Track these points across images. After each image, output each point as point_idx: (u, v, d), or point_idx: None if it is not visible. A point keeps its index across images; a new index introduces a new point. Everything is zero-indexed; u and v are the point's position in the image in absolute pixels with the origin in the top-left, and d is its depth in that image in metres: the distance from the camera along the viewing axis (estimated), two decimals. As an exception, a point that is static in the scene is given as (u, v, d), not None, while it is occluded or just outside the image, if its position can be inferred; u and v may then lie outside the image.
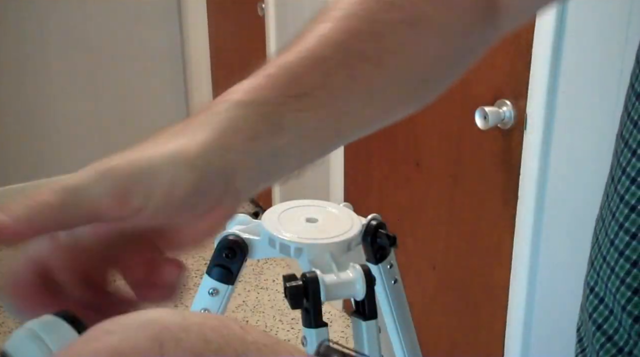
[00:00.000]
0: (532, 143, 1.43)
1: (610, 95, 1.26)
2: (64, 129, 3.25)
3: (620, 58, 1.22)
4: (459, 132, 1.69)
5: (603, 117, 1.28)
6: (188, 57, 3.30)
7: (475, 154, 1.66)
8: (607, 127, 1.26)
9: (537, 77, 1.38)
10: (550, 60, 1.34)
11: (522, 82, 1.44)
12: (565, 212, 1.42)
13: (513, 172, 1.52)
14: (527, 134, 1.45)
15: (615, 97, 1.23)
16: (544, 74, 1.36)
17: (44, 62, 3.11)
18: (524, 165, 1.47)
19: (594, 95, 1.30)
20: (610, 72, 1.25)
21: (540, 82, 1.37)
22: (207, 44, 3.26)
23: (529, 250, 1.49)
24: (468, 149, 1.69)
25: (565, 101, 1.36)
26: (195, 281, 2.88)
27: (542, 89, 1.37)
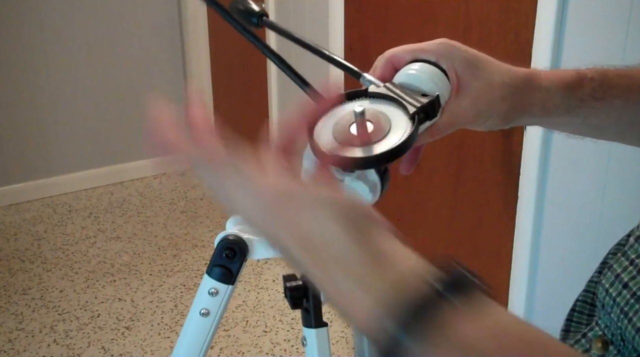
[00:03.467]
0: (532, 144, 1.43)
1: (610, 95, 1.25)
2: (64, 130, 3.25)
3: (621, 58, 1.22)
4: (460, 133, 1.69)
5: (603, 117, 1.28)
6: (188, 56, 3.30)
7: (476, 155, 1.66)
8: (607, 128, 1.26)
9: (537, 77, 1.38)
10: (550, 60, 1.34)
11: (522, 82, 1.43)
12: (565, 212, 1.42)
13: (513, 173, 1.52)
14: (527, 134, 1.45)
15: (615, 97, 1.23)
16: (544, 74, 1.36)
17: (44, 62, 3.11)
18: (524, 166, 1.47)
19: (594, 96, 1.30)
20: (610, 72, 1.25)
21: (541, 82, 1.37)
22: (207, 44, 3.26)
23: (529, 250, 1.49)
24: (469, 149, 1.69)
25: (565, 101, 1.36)
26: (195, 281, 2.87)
27: (542, 89, 1.37)
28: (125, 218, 3.11)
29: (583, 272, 0.69)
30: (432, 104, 0.59)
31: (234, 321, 2.40)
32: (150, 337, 2.34)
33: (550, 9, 1.32)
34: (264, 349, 2.28)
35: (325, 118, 0.57)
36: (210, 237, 2.89)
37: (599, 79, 0.65)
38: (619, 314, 0.59)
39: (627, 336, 0.58)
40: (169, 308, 2.48)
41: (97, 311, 2.47)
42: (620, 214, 1.29)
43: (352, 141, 0.54)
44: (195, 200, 3.26)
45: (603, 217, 1.31)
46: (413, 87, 0.60)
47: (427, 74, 0.61)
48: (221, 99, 3.27)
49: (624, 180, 1.29)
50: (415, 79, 0.61)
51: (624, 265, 0.61)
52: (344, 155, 0.53)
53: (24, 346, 2.30)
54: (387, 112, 0.57)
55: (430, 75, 0.61)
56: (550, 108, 0.65)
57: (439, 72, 0.62)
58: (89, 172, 3.33)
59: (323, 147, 0.54)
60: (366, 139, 0.54)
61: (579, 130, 0.70)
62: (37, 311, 2.47)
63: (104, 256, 2.80)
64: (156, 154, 0.47)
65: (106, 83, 3.27)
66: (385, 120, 0.56)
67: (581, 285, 0.69)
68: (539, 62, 1.37)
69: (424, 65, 0.62)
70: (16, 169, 3.20)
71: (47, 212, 3.16)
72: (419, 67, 0.62)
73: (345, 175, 0.62)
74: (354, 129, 0.55)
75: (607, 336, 0.61)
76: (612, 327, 0.60)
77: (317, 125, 0.57)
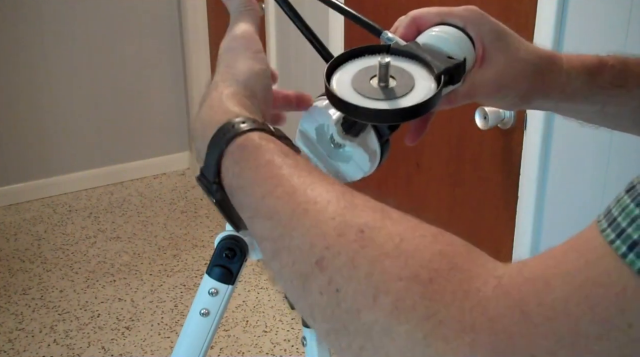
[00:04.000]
0: (532, 143, 1.43)
1: (610, 95, 1.26)
2: (64, 130, 3.25)
3: (620, 58, 1.22)
4: (459, 133, 1.69)
5: (603, 117, 1.28)
6: (188, 56, 3.30)
7: (475, 154, 1.66)
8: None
9: (537, 77, 1.38)
10: (550, 61, 1.34)
11: (522, 82, 1.43)
12: (565, 212, 1.42)
13: (513, 172, 1.52)
14: (527, 134, 1.45)
15: (615, 97, 1.23)
16: (544, 74, 1.36)
17: (44, 62, 3.11)
18: (524, 166, 1.47)
19: (594, 96, 1.30)
20: (610, 72, 1.25)
21: (540, 82, 1.37)
22: (207, 44, 3.26)
23: (529, 250, 1.49)
24: (468, 149, 1.69)
25: (565, 101, 1.36)
26: (195, 281, 2.87)
27: (542, 89, 1.37)
28: (125, 218, 3.11)
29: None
30: (458, 67, 0.57)
31: (234, 321, 2.40)
32: (150, 337, 2.34)
33: (550, 9, 1.32)
34: (264, 349, 2.28)
35: (342, 70, 0.56)
36: (210, 237, 2.89)
37: (619, 67, 0.65)
38: None
39: None
40: (169, 308, 2.48)
41: (97, 311, 2.47)
42: (620, 214, 1.28)
43: (374, 94, 0.53)
44: (195, 200, 3.26)
45: (603, 217, 1.31)
46: (438, 49, 0.58)
47: (454, 38, 0.60)
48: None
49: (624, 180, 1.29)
50: (442, 41, 0.59)
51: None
52: (368, 107, 0.52)
53: (24, 346, 2.30)
54: (410, 70, 0.55)
55: (457, 39, 0.59)
56: (569, 92, 0.64)
57: (466, 37, 0.60)
58: (89, 172, 3.33)
59: (344, 98, 0.52)
60: (389, 93, 0.53)
61: (595, 119, 0.69)
62: (37, 311, 2.47)
63: (104, 256, 2.80)
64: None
65: (106, 83, 3.27)
66: (409, 77, 0.55)
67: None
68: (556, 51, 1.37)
69: (450, 29, 0.60)
70: (16, 169, 3.20)
71: (47, 212, 3.16)
72: (446, 30, 0.60)
73: (347, 139, 0.60)
74: (375, 82, 0.54)
75: None
76: None
77: (333, 77, 0.55)
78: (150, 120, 3.37)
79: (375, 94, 0.53)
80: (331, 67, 0.56)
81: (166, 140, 3.45)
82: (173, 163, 3.50)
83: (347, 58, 0.57)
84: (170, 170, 3.50)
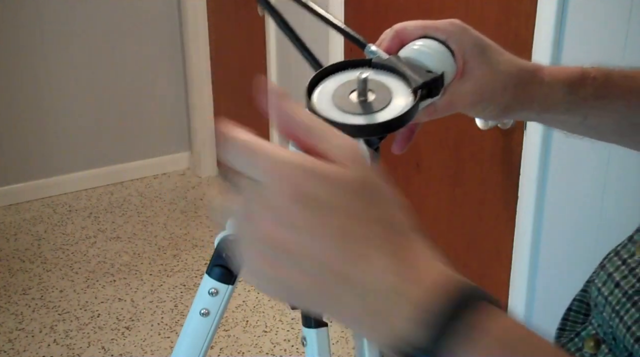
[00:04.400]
0: (532, 143, 1.43)
1: (610, 95, 1.25)
2: (64, 130, 3.25)
3: (621, 58, 1.22)
4: (459, 133, 1.69)
5: (603, 117, 1.28)
6: (188, 57, 3.30)
7: (475, 154, 1.66)
8: (607, 128, 1.26)
9: (537, 77, 1.38)
10: (550, 61, 1.34)
11: (522, 82, 1.43)
12: (565, 212, 1.42)
13: (513, 172, 1.52)
14: (527, 134, 1.45)
15: (615, 98, 1.23)
16: (544, 74, 1.36)
17: (44, 62, 3.11)
18: (524, 166, 1.47)
19: (594, 96, 1.30)
20: (610, 73, 1.25)
21: (540, 82, 1.37)
22: (207, 44, 3.26)
23: (529, 250, 1.49)
24: (468, 149, 1.69)
25: (565, 101, 1.36)
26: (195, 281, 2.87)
27: (542, 89, 1.37)
28: (125, 218, 3.11)
29: (583, 272, 0.69)
30: (435, 81, 0.59)
31: (234, 321, 2.40)
32: (150, 337, 2.34)
33: (550, 9, 1.32)
34: (264, 349, 2.28)
35: (324, 84, 0.57)
36: (210, 237, 2.89)
37: (602, 79, 0.65)
38: (610, 313, 0.59)
39: (618, 334, 0.58)
40: (169, 308, 2.48)
41: (97, 311, 2.47)
42: (620, 214, 1.29)
43: (352, 109, 0.54)
44: (195, 200, 3.26)
45: (603, 217, 1.31)
46: (418, 63, 0.60)
47: (434, 52, 0.61)
48: (221, 99, 3.27)
49: (624, 180, 1.29)
50: (422, 55, 0.61)
51: (617, 264, 0.61)
52: (344, 122, 0.52)
53: (24, 346, 2.30)
54: (389, 84, 0.57)
55: (438, 54, 0.61)
56: (550, 104, 0.65)
57: (447, 51, 0.62)
58: (89, 172, 3.33)
59: (322, 113, 0.54)
60: (367, 108, 0.54)
61: (578, 130, 0.70)
62: (37, 311, 2.47)
63: (104, 256, 2.80)
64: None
65: (106, 83, 3.26)
66: (387, 91, 0.56)
67: (581, 285, 0.70)
68: (539, 62, 1.36)
69: (432, 42, 0.62)
70: (16, 169, 3.20)
71: (47, 212, 3.16)
72: (427, 44, 0.62)
73: None
74: (355, 97, 0.55)
75: (600, 335, 0.61)
76: (604, 326, 0.61)
77: (315, 91, 0.57)
78: (150, 120, 3.37)
79: (353, 109, 0.54)
80: (312, 83, 0.57)
81: (166, 140, 3.44)
82: (173, 163, 3.50)
83: (330, 72, 0.58)
84: (170, 170, 3.49)
